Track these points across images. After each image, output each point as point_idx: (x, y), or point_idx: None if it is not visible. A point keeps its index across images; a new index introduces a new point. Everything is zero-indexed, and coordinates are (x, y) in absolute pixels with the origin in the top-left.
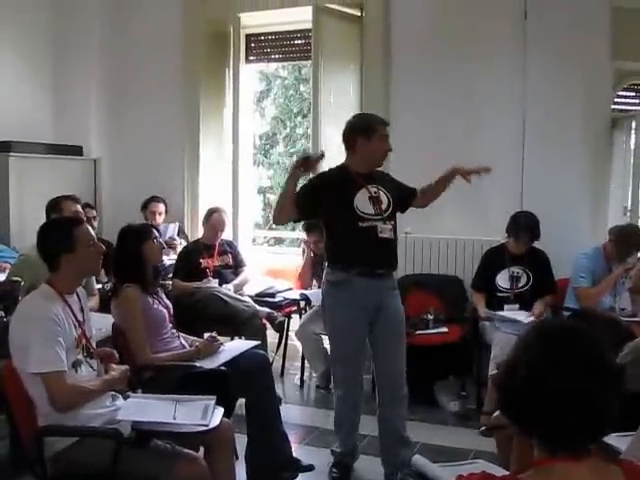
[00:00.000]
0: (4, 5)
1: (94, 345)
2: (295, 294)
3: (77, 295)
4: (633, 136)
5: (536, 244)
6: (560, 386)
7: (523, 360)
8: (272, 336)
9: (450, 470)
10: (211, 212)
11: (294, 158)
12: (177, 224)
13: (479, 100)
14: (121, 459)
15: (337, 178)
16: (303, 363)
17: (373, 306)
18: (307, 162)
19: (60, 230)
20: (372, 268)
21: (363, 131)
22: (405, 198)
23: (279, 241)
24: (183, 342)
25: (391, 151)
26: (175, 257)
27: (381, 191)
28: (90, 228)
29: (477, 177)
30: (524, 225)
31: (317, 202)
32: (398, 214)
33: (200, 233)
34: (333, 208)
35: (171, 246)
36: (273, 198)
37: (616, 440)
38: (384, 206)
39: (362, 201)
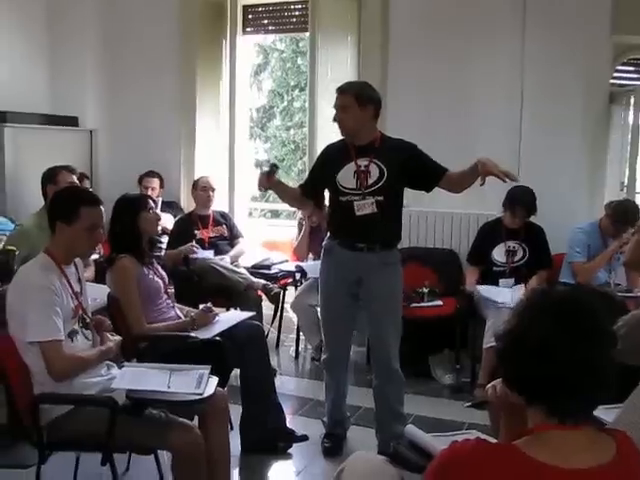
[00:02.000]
0: None
1: (90, 315)
2: (291, 266)
3: (75, 266)
4: (631, 111)
5: (532, 219)
6: (572, 359)
7: (531, 332)
8: (267, 308)
9: (443, 440)
10: (197, 179)
11: (291, 132)
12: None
13: (477, 73)
14: (116, 427)
15: (332, 151)
16: (298, 335)
17: (353, 279)
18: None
19: (71, 199)
20: (351, 242)
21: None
22: (425, 177)
23: (275, 214)
24: (178, 312)
25: (335, 121)
26: None
27: (374, 164)
28: (102, 215)
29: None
30: (521, 199)
31: (314, 178)
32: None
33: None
34: (323, 181)
35: None
36: None
37: (603, 412)
38: (371, 180)
39: (345, 175)
